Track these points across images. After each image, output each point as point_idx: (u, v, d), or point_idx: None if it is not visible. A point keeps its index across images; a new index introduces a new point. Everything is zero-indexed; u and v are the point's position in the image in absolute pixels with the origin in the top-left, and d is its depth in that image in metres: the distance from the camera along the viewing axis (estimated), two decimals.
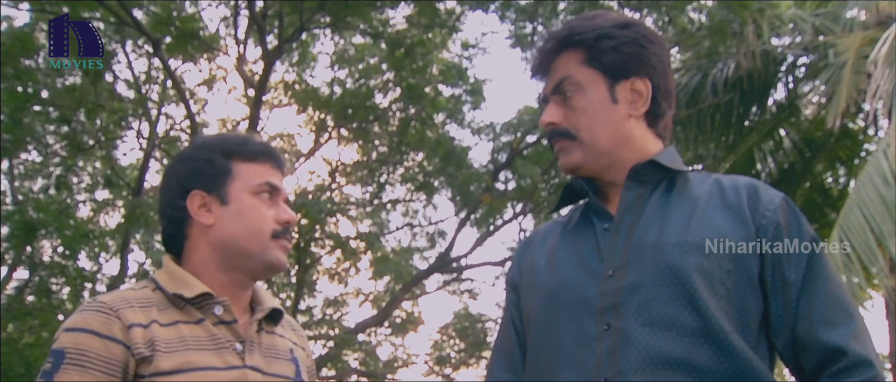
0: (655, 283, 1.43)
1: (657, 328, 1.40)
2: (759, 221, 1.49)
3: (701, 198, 1.53)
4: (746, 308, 1.44)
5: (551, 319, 1.52)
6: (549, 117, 1.61)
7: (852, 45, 7.46)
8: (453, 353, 13.13)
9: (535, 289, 1.58)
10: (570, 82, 1.59)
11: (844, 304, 1.46)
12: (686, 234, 1.46)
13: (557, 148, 1.62)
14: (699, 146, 9.82)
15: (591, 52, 1.59)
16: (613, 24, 1.61)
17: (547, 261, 1.60)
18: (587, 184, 1.61)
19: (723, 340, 1.39)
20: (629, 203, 1.55)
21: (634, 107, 1.59)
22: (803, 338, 1.43)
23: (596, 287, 1.47)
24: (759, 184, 1.55)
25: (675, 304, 1.41)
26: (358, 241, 10.97)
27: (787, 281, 1.46)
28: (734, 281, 1.44)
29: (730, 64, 9.09)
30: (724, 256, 1.44)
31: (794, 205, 1.53)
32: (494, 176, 11.02)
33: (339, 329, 11.85)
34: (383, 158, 11.69)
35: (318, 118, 11.30)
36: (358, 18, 9.99)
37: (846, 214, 6.34)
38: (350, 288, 12.52)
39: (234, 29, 10.30)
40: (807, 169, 9.27)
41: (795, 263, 1.47)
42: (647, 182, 1.57)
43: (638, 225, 1.51)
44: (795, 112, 9.47)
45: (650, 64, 1.59)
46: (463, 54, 11.20)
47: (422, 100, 10.39)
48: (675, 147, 1.67)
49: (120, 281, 10.44)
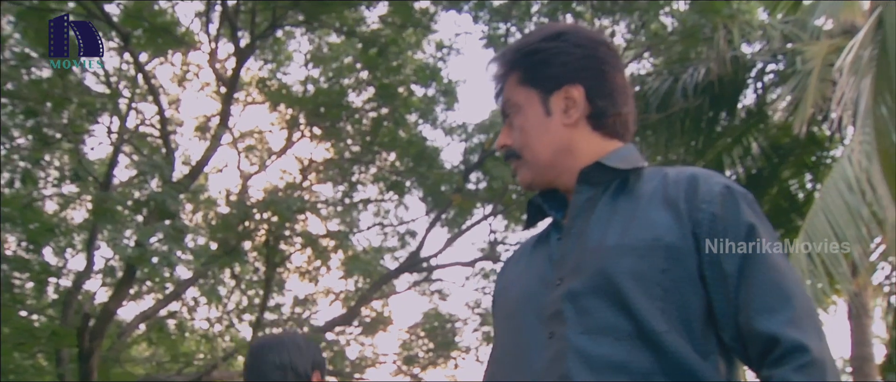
0: (590, 290, 1.44)
1: (595, 334, 1.40)
2: (694, 215, 1.46)
3: (644, 197, 1.52)
4: (687, 305, 1.42)
5: (507, 331, 1.57)
6: (501, 140, 1.68)
7: (819, 53, 7.55)
8: (422, 353, 13.12)
9: (502, 306, 1.64)
10: (510, 104, 1.65)
11: (782, 289, 1.41)
12: (624, 237, 1.47)
13: (513, 167, 1.69)
14: (669, 150, 9.88)
15: (524, 70, 1.64)
16: (541, 37, 1.66)
17: (515, 276, 1.65)
18: (551, 195, 1.65)
19: (658, 341, 1.38)
20: (579, 208, 1.56)
21: (568, 115, 1.61)
22: (744, 329, 1.40)
23: (546, 296, 1.49)
24: (701, 175, 1.52)
25: (609, 310, 1.41)
26: (328, 240, 10.94)
27: (725, 273, 1.43)
28: (671, 279, 1.42)
29: (700, 69, 9.16)
30: (659, 255, 1.43)
31: (736, 192, 1.49)
32: (466, 176, 11.03)
33: (308, 328, 11.81)
34: (355, 157, 11.66)
35: (291, 116, 11.25)
36: (332, 17, 9.97)
37: (811, 220, 6.41)
38: (320, 286, 12.48)
39: (207, 25, 10.23)
40: (774, 174, 9.37)
41: (732, 253, 1.43)
42: (597, 184, 1.57)
43: (586, 230, 1.52)
44: (764, 118, 9.56)
45: (582, 68, 1.62)
46: (436, 54, 11.20)
47: (395, 100, 10.38)
48: (634, 146, 1.68)
49: (86, 277, 10.33)
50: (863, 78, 4.77)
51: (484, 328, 12.66)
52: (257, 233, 10.11)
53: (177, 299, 10.95)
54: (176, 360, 12.24)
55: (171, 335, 11.71)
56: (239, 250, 9.77)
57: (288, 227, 10.06)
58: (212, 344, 12.42)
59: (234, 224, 9.46)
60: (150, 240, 8.03)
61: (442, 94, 10.96)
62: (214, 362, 11.24)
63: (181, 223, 8.62)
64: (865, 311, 8.55)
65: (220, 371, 11.06)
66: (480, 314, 12.81)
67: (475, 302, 12.99)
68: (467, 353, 12.94)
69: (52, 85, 8.73)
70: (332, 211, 12.00)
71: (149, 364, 12.85)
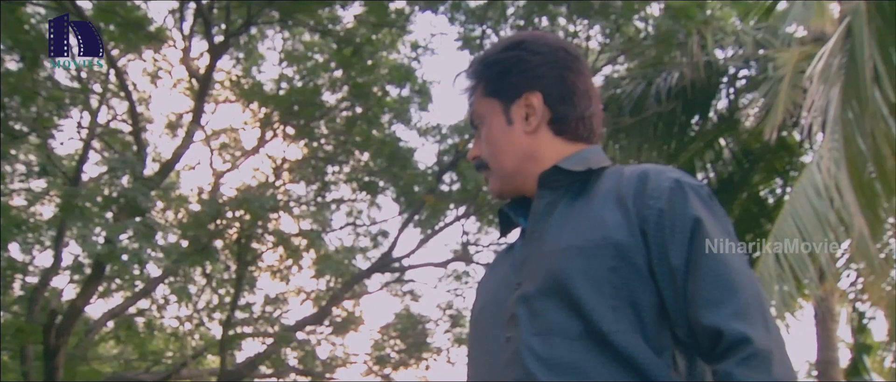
0: (542, 292, 1.46)
1: (547, 335, 1.42)
2: (642, 212, 1.47)
3: (598, 196, 1.54)
4: (639, 302, 1.42)
5: (475, 334, 1.61)
6: (472, 152, 1.74)
7: (790, 60, 7.63)
8: (393, 353, 13.10)
9: (473, 312, 1.68)
10: (476, 116, 1.71)
11: (728, 282, 1.39)
12: (576, 237, 1.48)
13: (484, 177, 1.73)
14: (642, 154, 9.93)
15: (486, 82, 1.69)
16: (501, 48, 1.70)
17: (485, 284, 1.70)
18: (521, 203, 1.67)
19: (608, 341, 1.39)
20: (540, 212, 1.58)
21: (528, 123, 1.64)
22: (693, 323, 1.40)
23: (508, 300, 1.52)
24: (651, 171, 1.53)
25: (560, 311, 1.43)
26: (300, 239, 10.88)
27: (672, 267, 1.42)
28: (621, 277, 1.43)
29: (674, 73, 9.22)
30: (607, 253, 1.44)
31: (686, 187, 1.49)
32: (439, 177, 11.03)
33: (279, 327, 11.75)
34: (328, 157, 11.62)
35: (264, 114, 11.19)
36: (307, 15, 9.93)
37: (780, 224, 6.48)
38: (291, 285, 12.42)
39: (181, 22, 10.15)
40: (745, 179, 9.45)
41: (679, 247, 1.43)
42: (557, 187, 1.59)
43: (546, 234, 1.54)
44: (735, 123, 9.64)
45: (539, 75, 1.65)
46: (411, 55, 11.19)
47: (369, 100, 10.35)
48: (599, 148, 1.69)
49: (53, 274, 10.21)
50: (832, 86, 4.84)
51: (456, 330, 12.66)
52: (229, 231, 10.05)
53: (146, 297, 10.86)
54: (144, 358, 12.13)
55: (140, 333, 11.61)
56: (210, 248, 9.71)
57: (260, 226, 10.00)
58: (181, 343, 12.32)
59: (205, 222, 9.39)
60: (121, 237, 7.95)
61: (416, 95, 10.95)
62: (183, 360, 11.15)
63: (152, 220, 8.54)
64: (831, 316, 8.64)
65: (189, 369, 10.98)
66: (452, 315, 12.81)
67: (447, 304, 12.98)
68: (438, 354, 12.93)
69: (20, 79, 8.62)
70: (304, 211, 11.95)
71: (116, 363, 12.72)
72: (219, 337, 11.01)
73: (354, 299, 13.01)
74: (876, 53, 4.53)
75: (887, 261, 7.28)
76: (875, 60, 4.53)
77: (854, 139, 4.71)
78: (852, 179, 4.82)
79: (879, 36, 4.52)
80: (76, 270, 10.09)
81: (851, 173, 4.82)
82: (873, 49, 4.51)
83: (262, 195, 9.89)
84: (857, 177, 4.79)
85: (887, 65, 4.55)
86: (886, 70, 4.54)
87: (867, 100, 4.53)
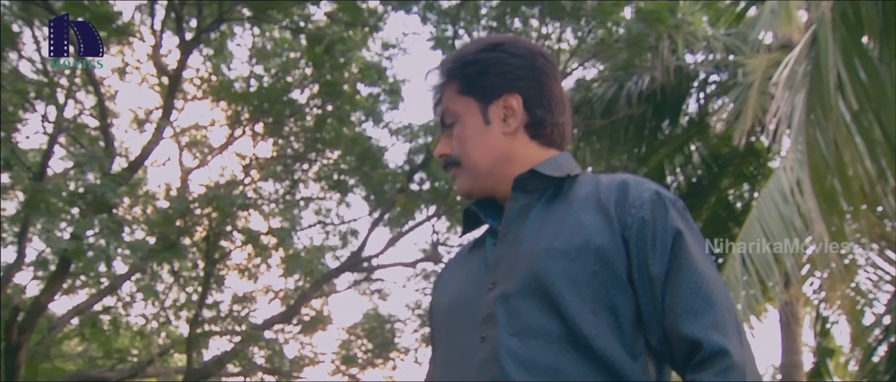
0: (522, 292, 1.45)
1: (525, 336, 1.42)
2: (624, 219, 1.49)
3: (576, 202, 1.55)
4: (617, 308, 1.44)
5: (445, 333, 1.58)
6: (440, 149, 1.71)
7: (759, 66, 7.71)
8: (361, 353, 13.07)
9: (439, 309, 1.65)
10: (449, 113, 1.68)
11: (706, 293, 1.43)
12: (555, 240, 1.49)
13: (451, 175, 1.71)
14: (612, 156, 9.98)
15: (462, 80, 1.67)
16: (479, 48, 1.69)
17: (450, 282, 1.67)
18: (486, 204, 1.67)
19: (587, 344, 1.40)
20: (514, 214, 1.58)
21: (507, 124, 1.64)
22: (669, 332, 1.43)
23: (481, 299, 1.51)
24: (632, 181, 1.55)
25: (540, 312, 1.43)
26: (269, 237, 10.82)
27: (652, 276, 1.46)
28: (601, 282, 1.45)
29: (645, 77, 9.27)
30: (589, 258, 1.45)
31: (665, 199, 1.52)
32: (409, 177, 11.01)
33: (247, 326, 11.67)
34: (298, 155, 11.56)
35: (233, 111, 11.11)
36: (279, 12, 9.87)
37: (747, 229, 6.53)
38: (259, 284, 12.35)
39: (151, 17, 10.05)
40: (714, 183, 9.52)
41: (659, 257, 1.46)
42: (532, 191, 1.60)
43: (521, 236, 1.54)
44: (705, 127, 9.71)
45: (518, 77, 1.65)
46: (383, 54, 11.16)
47: (339, 98, 10.32)
48: (570, 155, 1.71)
49: (16, 269, 10.06)
50: (797, 93, 4.89)
51: (424, 329, 12.66)
52: (197, 229, 9.97)
53: (112, 294, 10.74)
54: (109, 356, 12.00)
55: (105, 330, 11.48)
56: (178, 245, 9.62)
57: (229, 223, 9.93)
58: (147, 341, 12.21)
59: (173, 219, 9.31)
60: (87, 234, 7.86)
61: (387, 94, 10.93)
62: (150, 358, 11.05)
63: (120, 216, 8.45)
64: (796, 320, 8.74)
65: (155, 367, 10.89)
66: (420, 315, 12.81)
67: (415, 303, 12.99)
68: (406, 354, 12.93)
69: None
70: (273, 209, 11.88)
71: (80, 360, 12.57)
72: (186, 335, 10.92)
73: (323, 298, 12.96)
74: (840, 62, 4.58)
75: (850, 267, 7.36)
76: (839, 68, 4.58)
77: (817, 146, 4.76)
78: (814, 186, 4.87)
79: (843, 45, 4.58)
80: (40, 266, 9.96)
81: (814, 180, 4.88)
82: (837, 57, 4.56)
83: (231, 193, 9.83)
84: (819, 184, 4.84)
85: (850, 74, 4.60)
86: (849, 78, 4.59)
87: (830, 107, 4.58)
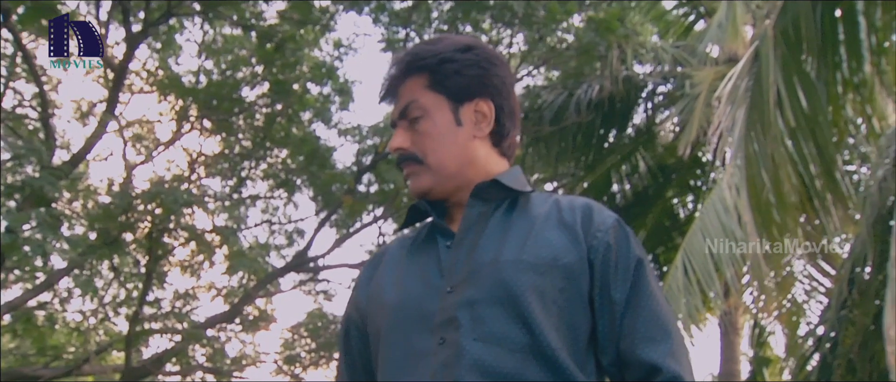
0: (489, 300, 1.45)
1: (489, 343, 1.42)
2: (590, 241, 1.53)
3: (539, 218, 1.57)
4: (577, 325, 1.48)
5: (394, 334, 1.53)
6: (397, 142, 1.63)
7: (706, 79, 7.82)
8: (304, 353, 12.97)
9: (382, 307, 1.59)
10: (415, 107, 1.62)
11: (664, 323, 1.50)
12: (522, 252, 1.49)
13: (407, 172, 1.64)
14: (560, 163, 10.05)
15: (434, 76, 1.62)
16: (456, 47, 1.64)
17: (393, 279, 1.61)
18: (433, 203, 1.64)
19: (551, 356, 1.42)
20: (472, 221, 1.57)
21: (478, 128, 1.63)
22: (626, 355, 1.48)
23: (436, 302, 1.49)
24: (594, 205, 1.60)
25: (507, 321, 1.44)
26: (214, 235, 10.69)
27: (613, 300, 1.51)
28: (566, 298, 1.48)
29: (594, 86, 9.35)
30: (557, 274, 1.48)
31: (625, 227, 1.58)
32: (357, 178, 10.96)
33: (188, 323, 11.50)
34: (246, 153, 11.44)
35: (181, 107, 10.95)
36: (229, 9, 9.76)
37: (690, 239, 6.62)
38: (202, 281, 12.19)
39: (97, 8, 9.86)
40: (659, 193, 9.64)
41: (621, 283, 1.52)
42: (490, 200, 1.60)
43: (479, 243, 1.53)
44: (652, 137, 9.83)
45: (493, 85, 1.64)
46: (334, 54, 11.10)
47: (289, 97, 10.22)
48: (520, 167, 1.72)
49: None
50: (738, 107, 4.97)
51: None
52: (140, 225, 9.80)
53: (48, 289, 10.50)
54: (43, 353, 11.73)
55: (40, 327, 11.22)
56: (120, 241, 9.45)
57: (173, 220, 9.78)
58: (84, 338, 11.96)
59: (115, 214, 9.13)
60: (24, 227, 7.67)
61: (337, 94, 10.87)
62: (86, 356, 10.82)
63: (58, 211, 8.28)
64: (735, 330, 8.89)
65: (91, 365, 10.67)
66: None
67: None
68: None
69: None
70: (219, 206, 11.73)
71: (12, 357, 12.26)
72: (125, 333, 10.73)
73: (267, 297, 12.84)
74: (780, 79, 4.67)
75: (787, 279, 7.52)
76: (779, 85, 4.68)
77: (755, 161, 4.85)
78: (751, 200, 4.96)
79: (784, 62, 4.67)
80: None
81: (751, 194, 4.97)
82: (777, 74, 4.66)
83: (176, 189, 9.68)
84: (755, 198, 4.93)
85: (789, 91, 4.70)
86: (788, 95, 4.69)
87: (769, 123, 4.67)
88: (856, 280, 6.32)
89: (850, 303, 6.36)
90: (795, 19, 4.81)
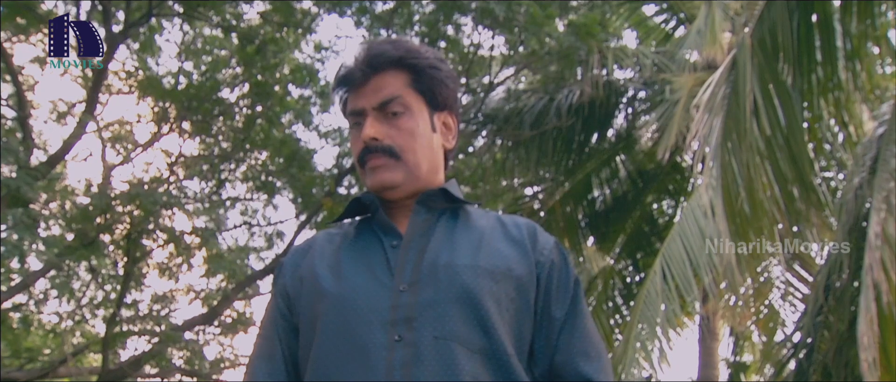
0: (450, 301, 1.47)
1: (450, 342, 1.44)
2: (538, 257, 1.60)
3: (486, 230, 1.62)
4: (523, 334, 1.54)
5: (340, 324, 1.50)
6: (373, 131, 1.59)
7: (686, 85, 7.87)
8: None
9: (322, 295, 1.55)
10: (399, 102, 1.61)
11: (597, 342, 1.60)
12: (476, 259, 1.53)
13: (375, 164, 1.61)
14: (541, 167, 10.08)
15: (418, 78, 1.63)
16: (437, 57, 1.68)
17: (330, 270, 1.58)
18: (381, 201, 1.65)
19: (505, 361, 1.47)
20: (419, 225, 1.59)
21: (447, 138, 1.69)
22: (560, 368, 1.55)
23: (387, 299, 1.49)
24: (536, 225, 1.68)
25: (466, 322, 1.46)
26: (193, 237, 10.62)
27: (552, 317, 1.58)
28: (516, 308, 1.53)
29: (575, 90, 9.39)
30: (510, 284, 1.53)
31: (563, 248, 1.67)
32: (338, 180, 10.93)
33: (166, 326, 11.42)
34: (225, 154, 11.37)
35: (160, 108, 10.88)
36: (210, 9, 9.71)
37: (669, 244, 6.65)
38: (181, 284, 12.10)
39: (77, 7, 9.78)
40: (638, 198, 9.69)
41: (562, 301, 1.60)
42: (433, 209, 1.63)
43: (428, 247, 1.55)
44: (632, 142, 9.88)
45: (457, 102, 1.72)
46: (315, 56, 11.06)
47: (270, 99, 10.19)
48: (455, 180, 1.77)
49: None
50: (715, 115, 5.01)
51: None
52: (118, 226, 9.73)
53: (24, 291, 10.40)
54: (17, 356, 11.61)
55: (14, 329, 11.11)
56: (97, 242, 9.38)
57: (151, 222, 9.71)
58: (60, 340, 11.86)
59: (93, 215, 9.07)
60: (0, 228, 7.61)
61: (318, 96, 10.84)
62: (62, 358, 10.73)
63: (35, 212, 8.20)
64: (713, 335, 8.94)
65: (67, 367, 10.57)
66: None
67: None
68: None
69: None
70: (198, 208, 11.66)
71: None
72: (102, 335, 10.64)
73: (246, 300, 12.77)
74: (756, 87, 4.71)
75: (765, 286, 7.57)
76: (755, 94, 4.71)
77: (730, 169, 4.89)
78: (726, 207, 5.00)
79: (760, 70, 4.71)
80: None
81: (726, 201, 5.01)
82: (754, 83, 4.69)
83: (155, 190, 9.62)
84: (730, 205, 4.97)
85: (766, 100, 4.74)
86: (765, 104, 4.73)
87: (745, 132, 4.71)
88: (831, 286, 6.37)
89: (827, 310, 6.41)
90: (772, 26, 4.84)
